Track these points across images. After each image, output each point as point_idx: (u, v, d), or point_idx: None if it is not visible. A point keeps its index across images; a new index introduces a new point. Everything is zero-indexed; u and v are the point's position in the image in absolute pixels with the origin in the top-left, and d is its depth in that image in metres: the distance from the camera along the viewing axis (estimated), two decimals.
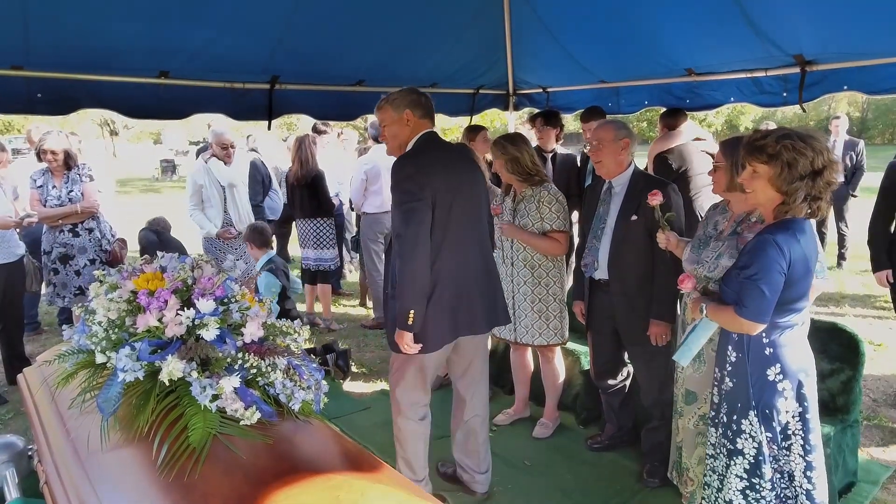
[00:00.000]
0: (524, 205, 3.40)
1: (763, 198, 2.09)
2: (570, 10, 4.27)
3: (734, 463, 2.21)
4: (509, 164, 3.35)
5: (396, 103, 2.73)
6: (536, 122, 4.88)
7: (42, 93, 3.34)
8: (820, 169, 2.01)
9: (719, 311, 2.19)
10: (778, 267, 2.00)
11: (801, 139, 2.02)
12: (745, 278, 2.05)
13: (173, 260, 1.88)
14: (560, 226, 3.36)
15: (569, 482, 3.25)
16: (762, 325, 2.08)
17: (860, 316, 5.98)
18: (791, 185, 2.01)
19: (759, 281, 2.01)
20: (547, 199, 3.35)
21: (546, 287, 3.44)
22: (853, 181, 7.54)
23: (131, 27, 3.26)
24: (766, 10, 3.35)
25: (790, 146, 2.00)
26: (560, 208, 3.36)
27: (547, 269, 3.44)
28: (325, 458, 1.60)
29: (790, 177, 2.01)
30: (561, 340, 3.54)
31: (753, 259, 2.03)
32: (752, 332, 2.12)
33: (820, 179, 2.02)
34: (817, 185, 2.02)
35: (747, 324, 2.07)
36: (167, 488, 1.39)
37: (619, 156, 3.04)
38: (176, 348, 1.61)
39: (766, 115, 12.56)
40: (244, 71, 4.03)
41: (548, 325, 3.47)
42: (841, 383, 3.06)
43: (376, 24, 4.12)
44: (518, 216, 3.42)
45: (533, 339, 3.50)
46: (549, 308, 3.46)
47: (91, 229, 4.69)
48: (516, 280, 3.48)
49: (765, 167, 2.04)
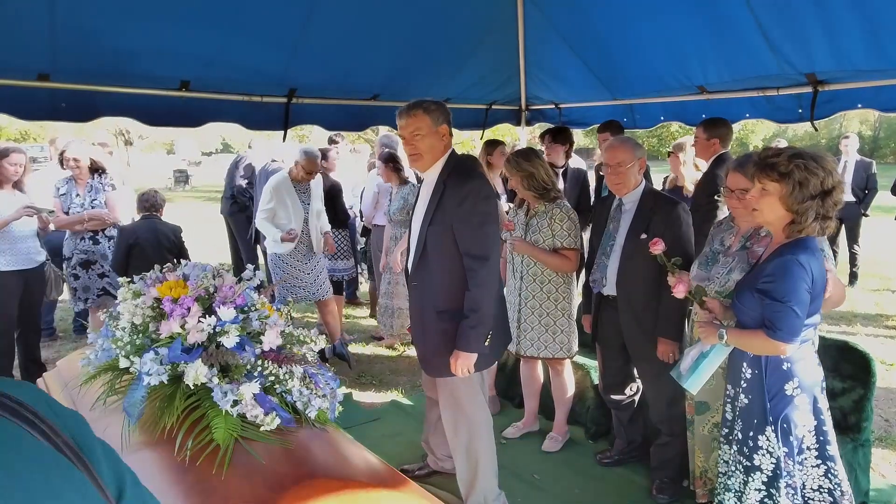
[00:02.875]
0: (536, 220, 3.43)
1: (771, 216, 2.11)
2: (585, 23, 4.31)
3: (752, 479, 2.21)
4: (525, 181, 3.36)
5: (435, 115, 2.62)
6: (545, 138, 4.92)
7: (66, 102, 3.41)
8: (830, 189, 2.04)
9: (745, 337, 2.18)
10: (805, 286, 2.03)
11: (813, 159, 2.05)
12: (773, 300, 2.05)
13: (196, 268, 1.92)
14: (570, 243, 3.36)
15: (578, 497, 3.24)
16: (796, 344, 2.09)
17: (872, 335, 5.94)
18: (802, 203, 2.03)
19: (789, 303, 2.03)
20: (559, 217, 3.36)
21: (555, 302, 3.46)
22: (865, 201, 7.52)
23: (152, 28, 3.32)
24: (781, 25, 3.37)
25: (802, 165, 2.02)
26: (571, 225, 3.37)
27: (556, 284, 3.45)
28: (342, 465, 1.63)
29: (801, 196, 2.02)
30: (567, 354, 3.55)
31: (781, 282, 2.04)
32: (785, 354, 2.12)
33: (829, 199, 2.05)
34: (826, 205, 2.05)
35: (783, 346, 2.08)
36: (187, 491, 1.42)
37: (637, 175, 3.07)
38: (198, 355, 1.65)
39: (777, 132, 12.58)
40: (262, 82, 4.10)
41: (554, 338, 3.48)
42: (853, 402, 3.05)
43: (392, 38, 4.18)
44: (530, 231, 3.44)
45: (538, 352, 3.52)
46: (556, 322, 3.47)
47: (112, 237, 4.77)
48: (524, 294, 3.50)
49: (775, 185, 2.06)
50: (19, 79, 3.20)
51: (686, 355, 2.47)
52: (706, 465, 2.81)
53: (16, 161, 4.35)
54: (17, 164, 4.37)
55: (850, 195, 7.43)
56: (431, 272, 2.66)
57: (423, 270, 2.70)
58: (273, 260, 4.96)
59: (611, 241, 3.16)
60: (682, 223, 2.97)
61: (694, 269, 2.64)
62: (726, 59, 3.86)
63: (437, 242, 2.63)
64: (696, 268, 2.64)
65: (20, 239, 4.37)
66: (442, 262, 2.63)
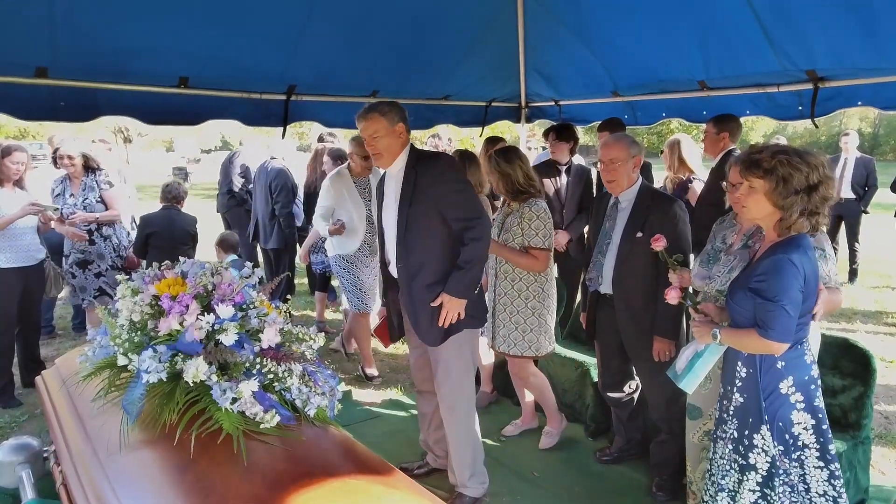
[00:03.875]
0: (510, 219, 3.44)
1: (759, 213, 2.12)
2: (586, 17, 4.30)
3: (747, 478, 2.20)
4: (500, 181, 3.41)
5: (389, 116, 2.81)
6: (549, 136, 4.91)
7: (65, 101, 3.40)
8: (815, 184, 2.03)
9: (738, 336, 2.18)
10: (797, 285, 2.02)
11: (797, 154, 2.06)
12: (765, 300, 2.05)
13: (195, 266, 1.91)
14: (539, 243, 3.35)
15: (577, 494, 3.25)
16: (788, 343, 2.08)
17: (872, 332, 5.94)
18: (786, 199, 2.04)
19: (781, 302, 2.02)
20: (528, 216, 3.35)
21: (525, 300, 3.45)
22: (865, 198, 7.51)
23: (152, 25, 3.31)
24: (782, 20, 3.36)
25: (785, 161, 2.03)
26: (541, 225, 3.35)
27: (528, 283, 3.43)
28: (341, 463, 1.62)
29: (785, 191, 2.04)
30: (534, 354, 3.54)
31: (773, 281, 2.04)
32: (778, 353, 2.11)
33: (815, 194, 2.04)
34: (813, 200, 2.04)
35: (775, 345, 2.07)
36: (186, 490, 1.42)
37: (632, 173, 3.06)
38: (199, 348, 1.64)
39: (776, 130, 12.58)
40: (261, 79, 4.09)
41: (523, 337, 3.49)
42: (853, 399, 3.05)
43: (392, 35, 4.17)
44: (503, 230, 3.46)
45: (509, 349, 3.54)
46: (526, 321, 3.47)
47: (107, 237, 4.76)
48: (498, 291, 3.52)
49: (760, 182, 2.07)
50: (18, 74, 3.18)
51: (681, 354, 2.47)
52: (693, 476, 2.72)
53: (18, 159, 4.35)
54: (19, 163, 4.37)
55: (850, 192, 7.43)
56: (416, 251, 2.83)
57: (406, 252, 2.85)
58: (338, 263, 4.64)
59: (607, 239, 3.15)
60: (679, 221, 2.96)
61: (695, 267, 2.62)
62: (727, 53, 3.85)
63: (419, 222, 2.81)
64: (697, 265, 2.62)
65: (20, 235, 4.37)
66: (425, 241, 2.82)
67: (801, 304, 2.05)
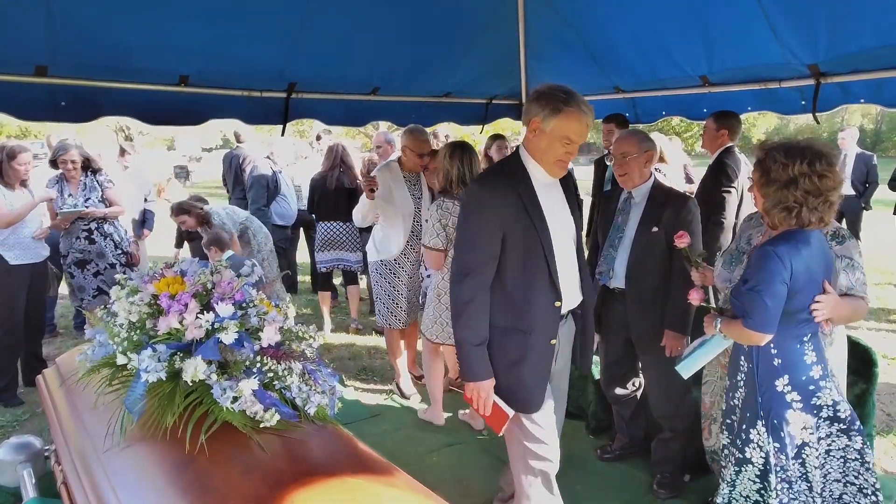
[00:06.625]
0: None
1: (757, 206, 2.19)
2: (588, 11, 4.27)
3: (744, 471, 2.23)
4: (439, 173, 3.58)
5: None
6: None
7: (66, 101, 3.39)
8: (794, 177, 2.02)
9: (731, 325, 2.20)
10: (779, 278, 2.02)
11: (782, 146, 2.08)
12: (747, 290, 2.08)
13: (193, 264, 1.91)
14: (427, 241, 3.52)
15: (578, 492, 3.24)
16: (768, 335, 2.09)
17: (874, 329, 5.93)
18: (765, 189, 2.08)
19: (761, 293, 2.03)
20: (432, 214, 3.52)
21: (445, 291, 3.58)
22: (866, 195, 7.48)
23: (151, 21, 3.30)
24: (785, 12, 3.34)
25: (771, 154, 2.08)
26: (438, 225, 3.47)
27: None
28: (341, 461, 1.62)
29: (767, 183, 2.08)
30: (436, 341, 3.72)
31: (755, 271, 2.06)
32: (759, 343, 2.13)
33: (794, 188, 2.03)
34: (793, 194, 2.03)
35: (755, 335, 2.09)
36: (186, 489, 1.41)
37: (645, 168, 3.06)
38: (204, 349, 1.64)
39: (779, 127, 12.54)
40: (261, 77, 4.08)
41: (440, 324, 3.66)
42: (855, 397, 3.04)
43: (392, 32, 4.15)
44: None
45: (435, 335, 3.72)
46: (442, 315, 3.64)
47: (107, 235, 4.76)
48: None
49: (756, 175, 2.15)
50: (17, 72, 3.18)
51: (689, 347, 2.51)
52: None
53: (23, 161, 4.41)
54: (26, 164, 4.43)
55: (850, 189, 7.40)
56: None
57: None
58: (376, 269, 4.25)
59: (619, 233, 3.13)
60: (694, 217, 2.96)
61: (718, 268, 2.59)
62: (731, 45, 3.82)
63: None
64: (720, 266, 2.58)
65: (29, 232, 4.42)
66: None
67: (788, 300, 2.04)
